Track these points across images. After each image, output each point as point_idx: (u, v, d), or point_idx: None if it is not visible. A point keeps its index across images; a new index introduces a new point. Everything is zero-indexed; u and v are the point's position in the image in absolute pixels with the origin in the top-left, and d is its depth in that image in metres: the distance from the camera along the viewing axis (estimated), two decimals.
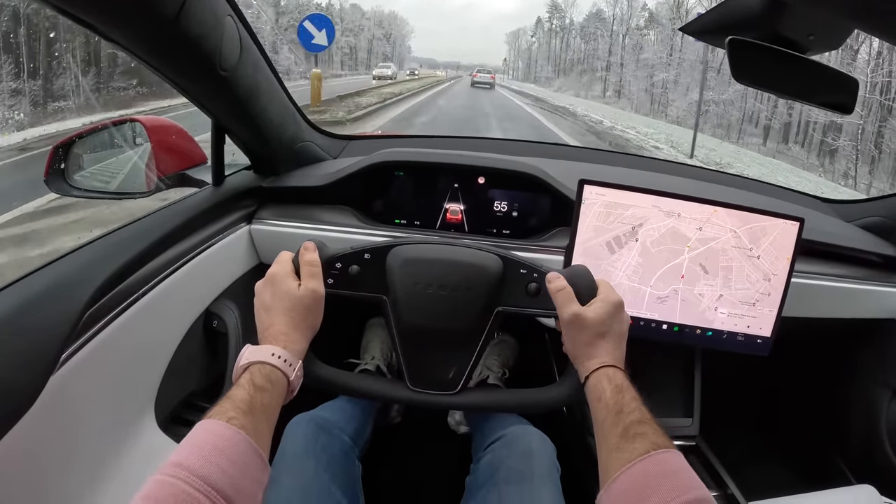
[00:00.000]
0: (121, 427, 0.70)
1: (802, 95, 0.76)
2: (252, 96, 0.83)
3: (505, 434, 0.84)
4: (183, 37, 0.63)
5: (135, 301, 0.70)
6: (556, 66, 59.85)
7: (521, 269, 0.67)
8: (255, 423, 0.50)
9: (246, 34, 0.77)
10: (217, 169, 0.92)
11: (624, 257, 0.85)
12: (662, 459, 0.48)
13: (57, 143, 0.93)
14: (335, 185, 0.98)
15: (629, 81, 36.64)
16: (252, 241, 0.98)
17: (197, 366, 0.88)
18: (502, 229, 1.00)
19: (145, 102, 14.08)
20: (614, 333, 0.62)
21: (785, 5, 0.68)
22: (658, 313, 0.87)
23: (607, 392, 0.56)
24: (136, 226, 0.76)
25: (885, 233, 1.11)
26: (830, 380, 1.22)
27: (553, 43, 62.42)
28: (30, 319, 0.55)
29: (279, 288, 0.61)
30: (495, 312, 0.67)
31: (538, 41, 67.47)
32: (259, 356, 0.55)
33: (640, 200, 0.85)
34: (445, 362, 0.68)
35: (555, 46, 61.86)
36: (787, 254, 0.85)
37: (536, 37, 67.91)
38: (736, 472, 1.04)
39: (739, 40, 0.70)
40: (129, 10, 0.56)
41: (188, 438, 0.46)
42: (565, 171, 1.00)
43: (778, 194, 1.27)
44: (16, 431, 0.50)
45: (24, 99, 13.21)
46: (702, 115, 19.84)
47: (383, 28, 76.02)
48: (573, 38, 57.26)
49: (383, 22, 76.88)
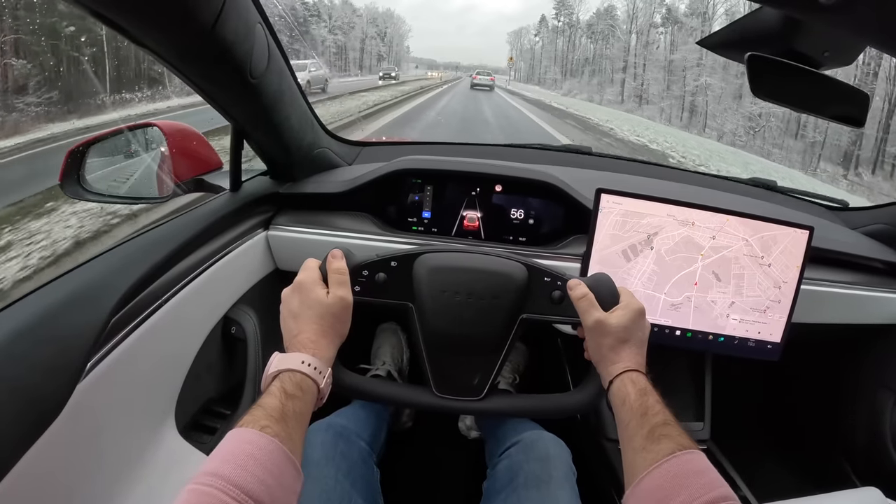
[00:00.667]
0: (143, 433, 0.70)
1: (816, 109, 0.78)
2: (277, 103, 0.83)
3: (521, 439, 0.85)
4: (217, 45, 0.63)
5: (157, 308, 0.70)
6: (563, 67, 57.47)
7: (545, 276, 0.68)
8: (289, 431, 0.50)
9: (273, 41, 0.77)
10: (235, 175, 0.92)
11: (639, 265, 0.87)
12: (688, 459, 0.50)
13: (73, 147, 0.93)
14: (353, 191, 0.99)
15: (649, 84, 32.60)
16: (269, 247, 0.99)
17: (215, 372, 0.88)
18: (519, 237, 1.01)
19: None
20: (636, 339, 0.63)
21: (801, 23, 0.70)
22: (672, 319, 0.89)
23: (632, 395, 0.58)
24: (158, 231, 0.76)
25: (891, 240, 1.13)
26: (837, 384, 1.24)
27: (559, 42, 59.79)
28: (56, 327, 0.55)
29: (308, 296, 0.61)
30: (520, 320, 0.68)
31: (542, 40, 64.46)
32: (289, 364, 0.56)
33: (656, 209, 0.87)
34: (470, 369, 0.69)
35: (561, 46, 59.10)
36: (798, 262, 0.87)
37: (540, 35, 64.98)
38: (746, 474, 1.06)
39: (758, 56, 0.72)
40: (167, 19, 0.56)
41: (221, 447, 0.46)
42: (580, 178, 1.01)
43: (786, 202, 1.29)
44: (44, 439, 0.51)
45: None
46: (758, 131, 17.37)
47: (377, 26, 72.87)
48: (580, 38, 54.99)
49: (377, 20, 73.76)
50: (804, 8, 0.47)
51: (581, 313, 0.64)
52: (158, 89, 12.21)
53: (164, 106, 10.87)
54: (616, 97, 35.86)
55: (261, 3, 0.72)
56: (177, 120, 1.00)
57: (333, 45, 63.05)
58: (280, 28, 0.81)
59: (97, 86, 11.62)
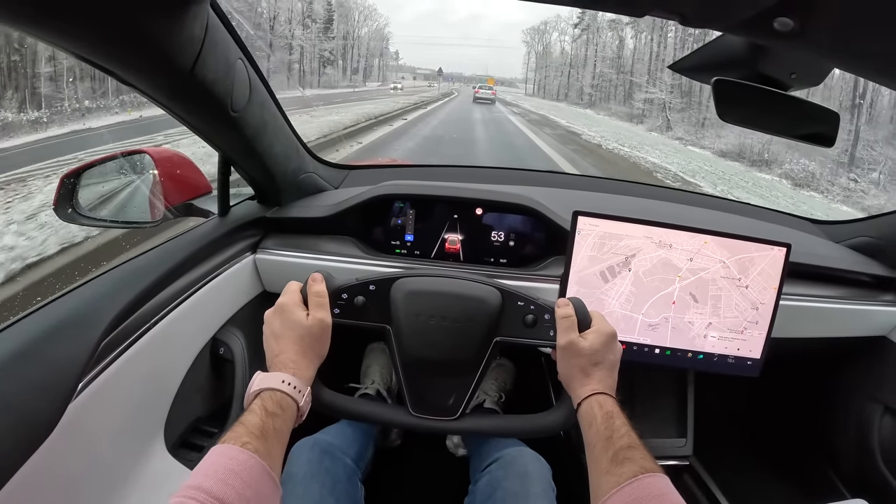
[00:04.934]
0: (132, 452, 0.72)
1: (785, 131, 0.79)
2: (259, 133, 0.86)
3: (502, 456, 0.87)
4: (198, 84, 0.66)
5: (147, 330, 0.73)
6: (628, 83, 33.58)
7: (518, 301, 0.71)
8: (268, 447, 0.53)
9: (255, 74, 0.80)
10: (223, 200, 0.95)
11: (617, 286, 0.88)
12: (649, 483, 0.52)
13: (66, 173, 0.96)
14: (338, 215, 1.01)
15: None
16: (256, 270, 1.01)
17: (204, 391, 0.90)
18: (499, 258, 1.03)
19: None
20: (607, 362, 0.65)
21: (766, 47, 0.71)
22: (650, 338, 0.90)
23: (598, 418, 0.60)
24: (149, 256, 0.79)
25: (873, 252, 1.14)
26: (822, 396, 1.24)
27: (601, 41, 38.23)
28: (49, 349, 0.57)
29: (288, 317, 0.64)
30: (494, 342, 0.71)
31: (572, 39, 43.52)
32: (270, 383, 0.58)
33: (634, 231, 0.88)
34: (446, 389, 0.72)
35: (607, 44, 37.00)
36: (775, 283, 0.88)
37: (575, 34, 43.17)
38: (730, 489, 1.07)
39: (723, 80, 0.73)
40: (147, 64, 0.59)
41: (204, 462, 0.49)
42: (560, 200, 1.03)
43: (769, 217, 1.30)
44: (37, 456, 0.53)
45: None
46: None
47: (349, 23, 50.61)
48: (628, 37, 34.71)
49: (352, 15, 51.09)
50: (762, 34, 0.49)
51: (559, 332, 0.67)
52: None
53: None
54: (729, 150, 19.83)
55: (241, 40, 0.74)
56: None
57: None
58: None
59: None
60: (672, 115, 27.92)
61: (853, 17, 0.43)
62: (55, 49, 0.54)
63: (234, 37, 0.72)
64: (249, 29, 7.69)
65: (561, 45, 48.92)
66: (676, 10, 0.50)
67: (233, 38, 0.72)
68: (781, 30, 0.45)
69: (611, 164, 12.58)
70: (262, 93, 0.83)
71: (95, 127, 13.61)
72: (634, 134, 23.67)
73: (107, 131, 13.06)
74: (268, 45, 32.81)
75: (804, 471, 1.28)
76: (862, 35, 0.46)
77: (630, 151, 15.46)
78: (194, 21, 0.59)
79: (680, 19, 0.51)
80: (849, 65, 0.59)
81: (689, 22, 0.51)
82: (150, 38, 0.55)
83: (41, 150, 9.16)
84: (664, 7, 0.50)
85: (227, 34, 0.69)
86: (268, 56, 32.51)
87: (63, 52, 0.53)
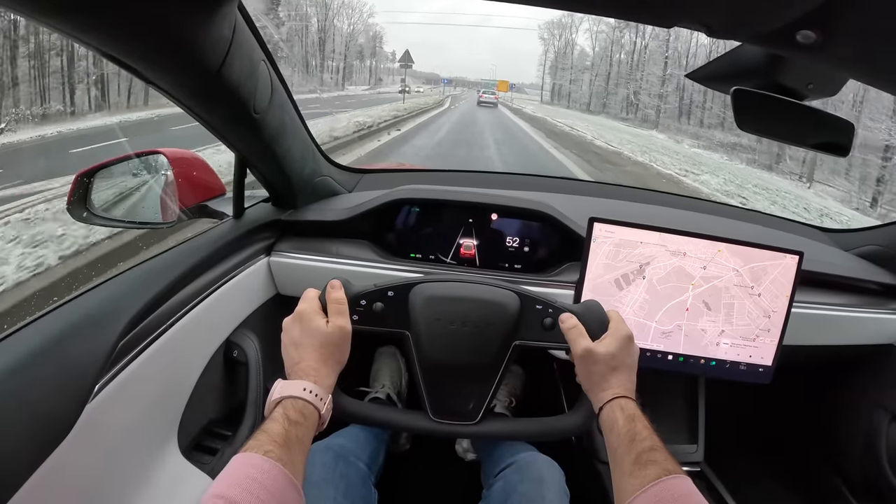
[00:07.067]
0: (146, 454, 0.72)
1: (801, 140, 0.80)
2: (279, 135, 0.86)
3: (515, 461, 0.87)
4: (224, 85, 0.66)
5: (163, 332, 0.73)
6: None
7: (536, 304, 0.71)
8: (291, 456, 0.53)
9: (276, 77, 0.80)
10: (238, 202, 0.95)
11: (631, 294, 0.89)
12: (673, 485, 0.52)
13: (81, 172, 0.96)
14: (353, 219, 1.01)
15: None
16: (271, 273, 1.01)
17: (217, 394, 0.90)
18: (514, 264, 1.03)
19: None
20: (625, 365, 0.65)
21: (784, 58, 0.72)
22: (663, 345, 0.90)
23: (620, 422, 0.60)
24: (164, 257, 0.79)
25: (883, 261, 1.14)
26: (831, 404, 1.24)
27: (630, 41, 31.07)
28: (67, 350, 0.57)
29: (308, 325, 0.64)
30: (513, 346, 0.71)
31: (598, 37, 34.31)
32: (291, 391, 0.58)
33: (648, 238, 0.88)
34: (465, 394, 0.72)
35: (631, 43, 30.19)
36: (787, 291, 0.88)
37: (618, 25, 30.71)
38: (740, 496, 1.07)
39: (742, 90, 0.74)
40: (174, 63, 0.59)
41: (227, 470, 0.49)
42: (575, 206, 1.03)
43: (780, 225, 1.30)
44: (54, 456, 0.53)
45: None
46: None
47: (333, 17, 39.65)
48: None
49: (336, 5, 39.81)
50: (784, 46, 0.49)
51: (571, 343, 0.67)
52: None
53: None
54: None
55: (264, 41, 0.75)
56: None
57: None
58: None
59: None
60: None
61: (877, 32, 0.44)
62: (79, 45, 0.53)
63: (258, 38, 0.72)
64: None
65: (594, 40, 37.87)
66: (703, 21, 0.50)
67: (256, 40, 0.72)
68: (804, 42, 0.46)
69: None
70: (282, 94, 0.84)
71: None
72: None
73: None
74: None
75: (812, 478, 1.28)
76: (884, 50, 0.47)
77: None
78: (223, 21, 0.59)
79: (706, 30, 0.51)
80: (867, 77, 0.59)
81: (714, 33, 0.52)
82: (180, 38, 0.55)
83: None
84: (691, 18, 0.51)
85: (251, 35, 0.70)
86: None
87: (87, 48, 0.53)
